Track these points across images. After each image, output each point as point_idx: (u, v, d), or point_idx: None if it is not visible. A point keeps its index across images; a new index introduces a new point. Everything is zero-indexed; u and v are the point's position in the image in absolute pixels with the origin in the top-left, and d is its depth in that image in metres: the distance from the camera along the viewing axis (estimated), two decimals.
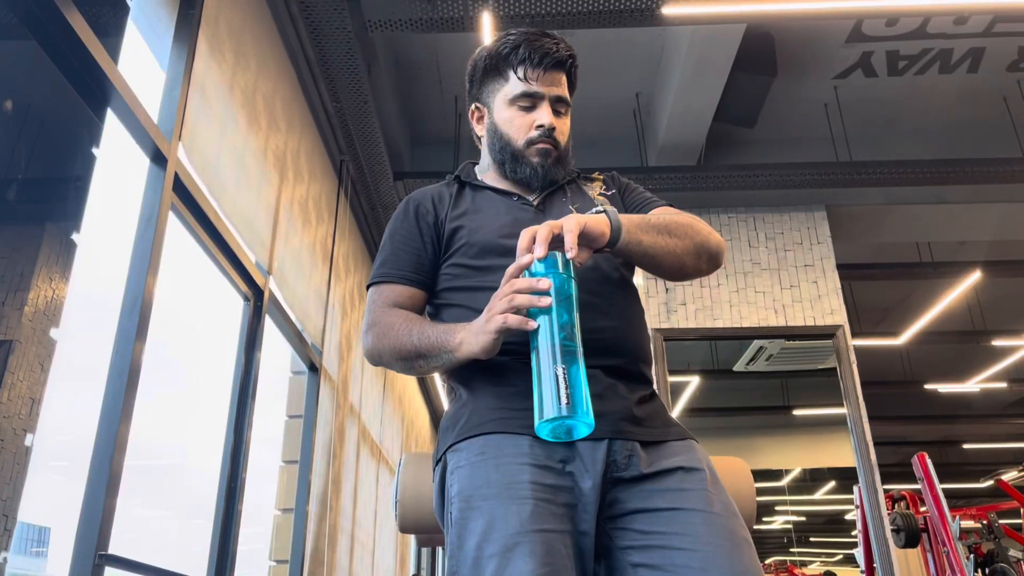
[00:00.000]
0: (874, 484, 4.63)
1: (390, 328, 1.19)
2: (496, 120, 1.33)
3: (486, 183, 1.36)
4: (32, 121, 2.00)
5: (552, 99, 1.30)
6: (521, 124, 1.30)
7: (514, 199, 1.32)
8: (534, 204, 1.31)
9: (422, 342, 1.15)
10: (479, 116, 1.39)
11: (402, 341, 1.17)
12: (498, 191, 1.34)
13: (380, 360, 1.23)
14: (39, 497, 1.83)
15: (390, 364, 1.22)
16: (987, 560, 4.91)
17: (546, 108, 1.29)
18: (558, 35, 1.34)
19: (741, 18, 3.94)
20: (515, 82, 1.30)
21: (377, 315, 1.23)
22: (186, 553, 2.82)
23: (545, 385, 0.95)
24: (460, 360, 1.11)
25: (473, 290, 1.21)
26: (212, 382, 3.19)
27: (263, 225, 3.22)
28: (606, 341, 1.15)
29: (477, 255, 1.23)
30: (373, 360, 1.24)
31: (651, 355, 1.26)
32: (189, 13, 2.57)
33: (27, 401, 1.75)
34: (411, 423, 7.45)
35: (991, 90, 5.18)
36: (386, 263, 1.29)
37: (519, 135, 1.30)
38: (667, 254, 1.17)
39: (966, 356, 9.19)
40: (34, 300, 1.82)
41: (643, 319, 1.26)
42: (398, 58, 4.81)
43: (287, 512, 3.75)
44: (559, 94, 1.31)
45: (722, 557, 0.97)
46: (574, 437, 1.01)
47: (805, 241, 5.30)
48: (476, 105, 1.40)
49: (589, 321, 1.14)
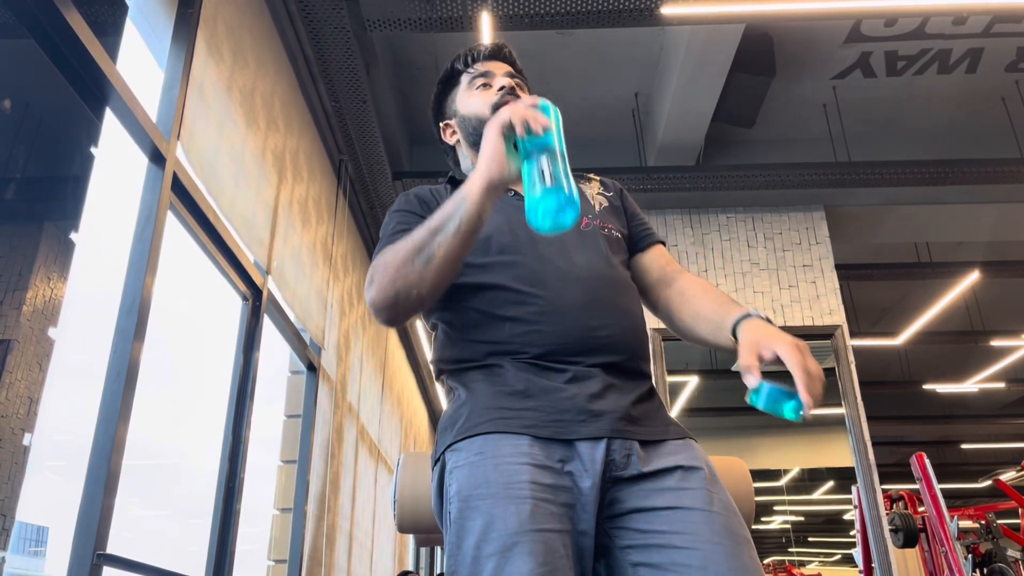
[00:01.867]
0: (872, 484, 4.63)
1: (394, 248, 1.13)
2: (463, 112, 1.38)
3: None
4: (31, 120, 2.00)
5: (504, 74, 1.37)
6: (483, 99, 1.35)
7: (509, 195, 1.31)
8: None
9: (431, 223, 1.08)
10: (451, 129, 1.42)
11: (412, 238, 1.10)
12: None
13: (393, 288, 1.11)
14: (37, 497, 1.83)
15: (405, 281, 1.10)
16: (985, 560, 4.91)
17: (502, 78, 1.36)
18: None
19: (740, 18, 3.95)
20: (466, 75, 1.39)
21: (377, 261, 1.18)
22: (184, 553, 2.82)
23: (535, 175, 1.00)
24: (475, 196, 1.03)
25: (474, 289, 1.21)
26: (210, 382, 3.19)
27: (262, 224, 3.22)
28: (606, 339, 1.15)
29: (475, 254, 1.22)
30: (386, 300, 1.12)
31: (650, 353, 1.27)
32: (187, 12, 2.56)
33: (25, 400, 1.75)
34: (409, 423, 7.45)
35: (989, 90, 5.18)
36: (393, 235, 1.24)
37: (484, 107, 1.33)
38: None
39: (964, 356, 9.21)
40: (32, 299, 1.81)
41: (643, 317, 1.27)
42: (397, 58, 4.81)
43: (285, 512, 3.75)
44: (509, 71, 1.39)
45: (722, 555, 0.97)
46: (565, 222, 0.99)
47: (804, 241, 5.31)
48: (444, 122, 1.44)
49: (589, 319, 1.15)
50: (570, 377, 1.11)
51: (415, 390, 8.04)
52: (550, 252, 1.21)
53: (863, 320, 8.29)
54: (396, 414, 6.62)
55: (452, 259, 1.08)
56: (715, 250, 5.31)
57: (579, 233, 1.26)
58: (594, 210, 1.34)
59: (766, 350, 0.99)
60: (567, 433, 1.07)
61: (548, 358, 1.13)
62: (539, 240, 1.22)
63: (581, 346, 1.13)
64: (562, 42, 4.64)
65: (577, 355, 1.13)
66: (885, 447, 11.45)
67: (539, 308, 1.15)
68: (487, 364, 1.14)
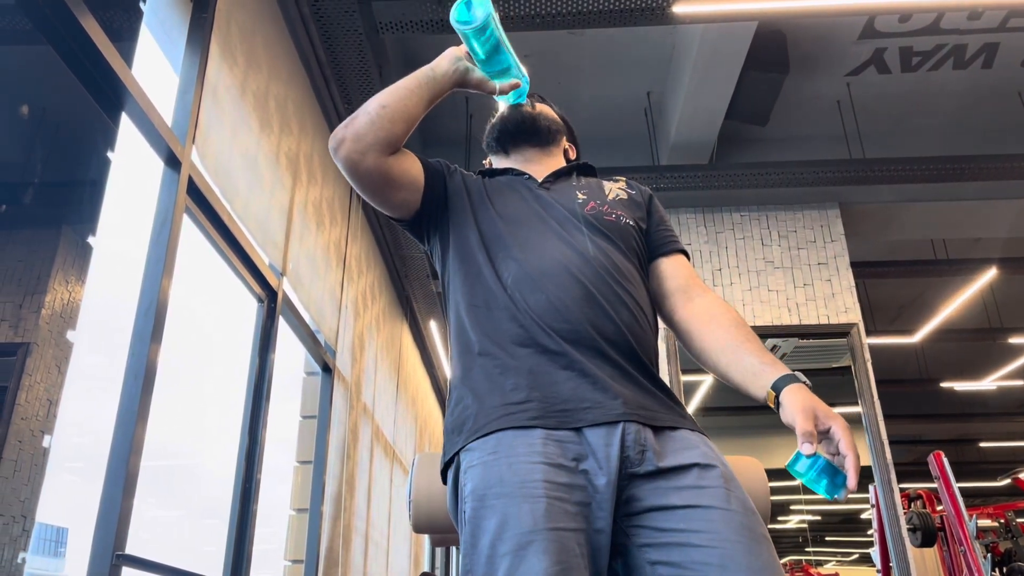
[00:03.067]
0: (890, 483, 4.60)
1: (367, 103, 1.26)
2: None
3: (500, 167, 1.48)
4: (48, 126, 2.01)
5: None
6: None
7: (525, 177, 1.40)
8: (540, 183, 1.39)
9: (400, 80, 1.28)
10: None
11: (384, 92, 1.26)
12: (511, 171, 1.44)
13: (356, 120, 1.24)
14: (57, 498, 1.85)
15: (365, 111, 1.24)
16: (1005, 559, 4.86)
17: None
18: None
19: (752, 16, 3.93)
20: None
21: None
22: (202, 553, 2.84)
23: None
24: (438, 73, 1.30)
25: (476, 281, 1.26)
26: (227, 383, 3.21)
27: (276, 227, 3.24)
28: (609, 329, 1.16)
29: (480, 248, 1.29)
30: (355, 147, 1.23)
31: (656, 342, 1.28)
32: (201, 17, 2.58)
33: (44, 403, 1.77)
34: (424, 423, 7.46)
35: (1005, 85, 5.13)
36: None
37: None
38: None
39: (982, 354, 9.12)
40: (51, 303, 1.83)
41: (648, 306, 1.28)
42: (409, 59, 4.82)
43: (302, 512, 3.77)
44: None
45: (741, 554, 0.97)
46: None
47: (818, 239, 5.28)
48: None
49: (592, 309, 1.15)
50: (573, 366, 1.12)
51: (429, 390, 8.05)
52: (554, 243, 1.23)
53: (879, 318, 8.23)
54: (411, 414, 6.63)
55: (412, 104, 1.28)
56: (729, 249, 5.29)
57: (585, 219, 1.28)
58: (606, 198, 1.36)
59: (823, 422, 1.03)
60: (574, 421, 1.08)
61: (551, 349, 1.14)
62: (543, 231, 1.26)
63: (584, 336, 1.14)
64: (573, 41, 4.64)
65: (580, 345, 1.14)
66: (902, 446, 11.35)
67: (542, 299, 1.17)
68: (491, 356, 1.16)
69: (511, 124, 1.47)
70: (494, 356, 1.16)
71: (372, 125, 1.22)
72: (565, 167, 1.44)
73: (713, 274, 5.20)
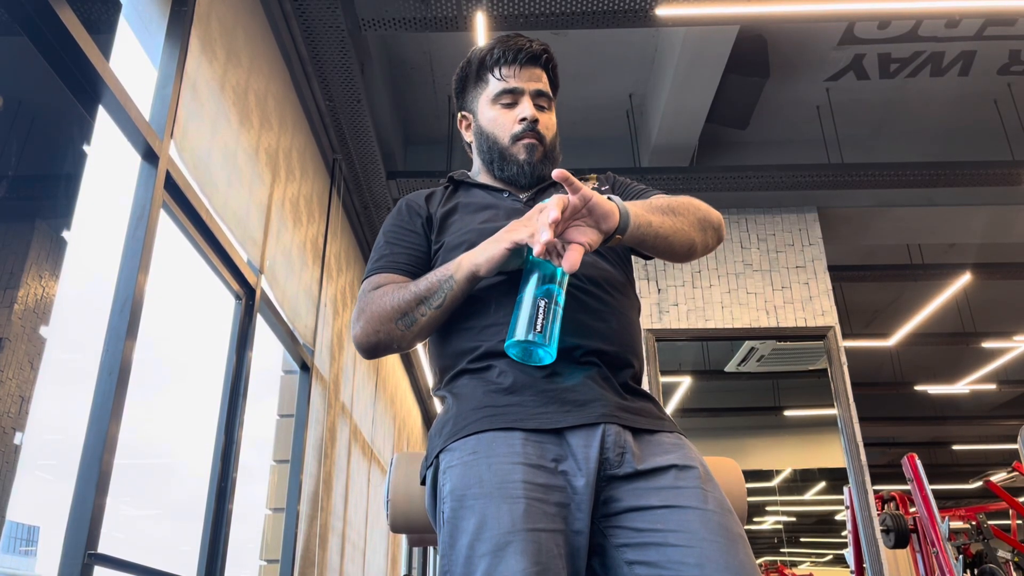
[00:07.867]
0: (864, 485, 4.65)
1: (383, 297, 1.20)
2: (481, 122, 1.37)
3: (478, 181, 1.39)
4: (23, 118, 1.99)
5: (532, 93, 1.34)
6: (505, 121, 1.34)
7: (504, 195, 1.34)
8: (524, 201, 1.33)
9: (419, 286, 1.17)
10: (467, 124, 1.44)
11: (399, 297, 1.18)
12: (489, 188, 1.36)
13: (376, 337, 1.19)
14: (28, 496, 1.82)
15: (388, 335, 1.18)
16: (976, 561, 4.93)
17: (527, 102, 1.34)
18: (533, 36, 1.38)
19: (734, 20, 3.96)
20: (494, 82, 1.35)
21: (366, 299, 1.23)
22: (176, 552, 2.81)
23: (525, 310, 1.05)
24: (461, 282, 1.13)
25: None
26: (203, 381, 3.18)
27: (255, 223, 3.21)
28: (595, 338, 1.16)
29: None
30: (368, 344, 1.20)
31: (642, 351, 1.27)
32: (181, 10, 2.56)
33: (16, 399, 1.74)
34: (403, 423, 7.44)
35: (982, 93, 5.21)
36: (381, 258, 1.30)
37: (504, 132, 1.33)
38: (677, 232, 1.19)
39: (956, 358, 9.25)
40: (24, 298, 1.81)
41: (638, 322, 1.28)
42: (391, 57, 4.80)
43: (278, 511, 3.74)
44: (539, 88, 1.35)
45: (718, 553, 0.97)
46: (535, 363, 1.10)
47: (797, 243, 5.32)
48: (463, 113, 1.44)
49: (586, 319, 1.16)
50: (555, 371, 1.12)
51: (408, 391, 8.03)
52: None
53: (855, 321, 8.32)
54: (389, 414, 6.61)
55: (432, 326, 1.19)
56: None
57: None
58: None
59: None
60: (554, 423, 1.08)
61: None
62: None
63: (567, 342, 1.14)
64: (557, 42, 4.65)
65: (563, 350, 1.13)
66: (877, 448, 11.49)
67: None
68: (475, 367, 1.16)
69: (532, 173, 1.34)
70: (477, 361, 1.16)
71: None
72: (548, 182, 1.36)
73: (692, 276, 5.23)
